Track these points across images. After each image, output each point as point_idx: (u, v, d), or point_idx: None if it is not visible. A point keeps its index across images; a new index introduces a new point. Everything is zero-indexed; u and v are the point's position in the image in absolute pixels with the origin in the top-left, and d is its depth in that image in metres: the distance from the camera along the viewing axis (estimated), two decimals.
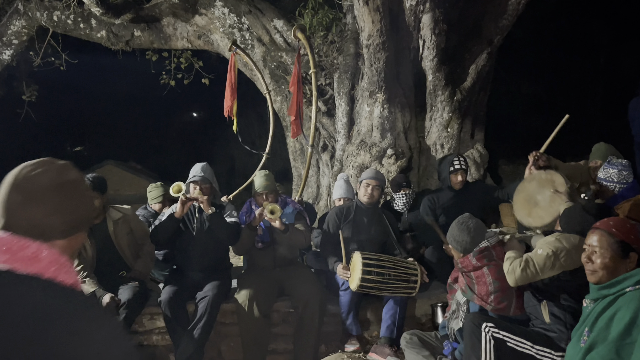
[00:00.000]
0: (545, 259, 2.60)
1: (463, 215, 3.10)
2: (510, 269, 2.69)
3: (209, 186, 3.68)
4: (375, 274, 3.36)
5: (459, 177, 4.04)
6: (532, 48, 9.25)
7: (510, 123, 9.15)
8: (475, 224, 3.01)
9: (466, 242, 2.99)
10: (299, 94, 4.84)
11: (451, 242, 3.06)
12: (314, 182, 6.67)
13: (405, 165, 5.45)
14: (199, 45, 7.16)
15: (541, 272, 2.61)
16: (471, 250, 2.97)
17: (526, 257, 2.68)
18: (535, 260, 2.63)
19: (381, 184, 3.87)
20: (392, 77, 5.54)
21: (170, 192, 3.55)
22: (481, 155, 5.75)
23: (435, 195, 4.19)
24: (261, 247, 3.71)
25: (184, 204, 3.50)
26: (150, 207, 4.77)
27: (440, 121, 5.64)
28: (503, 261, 2.86)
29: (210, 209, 3.53)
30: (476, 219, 3.06)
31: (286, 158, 7.36)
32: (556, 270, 2.60)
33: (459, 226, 3.05)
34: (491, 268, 2.93)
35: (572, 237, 2.67)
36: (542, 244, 2.67)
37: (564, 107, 4.21)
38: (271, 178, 3.80)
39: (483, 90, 6.15)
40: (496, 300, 2.89)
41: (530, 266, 2.63)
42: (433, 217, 4.04)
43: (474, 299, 2.97)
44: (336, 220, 3.84)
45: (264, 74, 6.50)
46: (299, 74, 4.86)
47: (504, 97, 8.76)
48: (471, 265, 2.96)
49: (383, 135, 5.54)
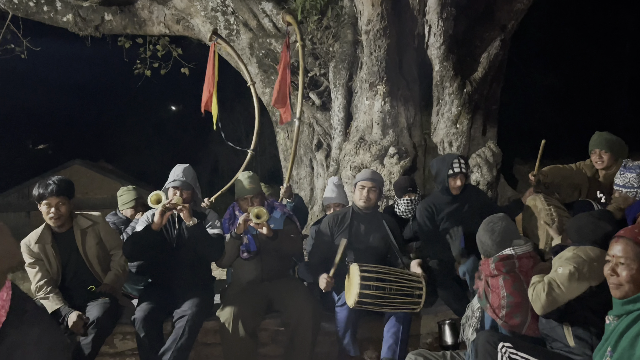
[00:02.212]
0: (569, 277, 2.60)
1: (495, 215, 3.12)
2: (535, 295, 2.69)
3: (191, 192, 3.66)
4: (374, 287, 3.35)
5: (458, 182, 4.02)
6: (550, 34, 9.31)
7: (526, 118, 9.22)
8: (504, 227, 3.02)
9: (488, 246, 3.01)
10: (284, 81, 4.83)
11: (477, 241, 3.09)
12: (307, 184, 6.67)
13: (409, 165, 5.46)
14: (177, 30, 7.15)
15: (568, 292, 2.61)
16: (493, 255, 2.99)
17: (548, 279, 2.68)
18: (558, 280, 2.63)
19: (378, 185, 3.87)
20: (394, 67, 5.55)
21: (148, 202, 3.52)
22: (494, 154, 5.78)
23: (432, 202, 4.13)
24: (247, 258, 3.70)
25: (163, 214, 3.49)
26: (120, 212, 4.74)
27: (448, 116, 5.66)
28: (524, 274, 2.88)
29: (192, 219, 3.52)
30: (507, 222, 3.06)
31: (276, 157, 7.37)
32: (582, 287, 2.60)
33: (484, 226, 3.08)
34: (507, 280, 2.93)
35: (588, 248, 2.68)
36: (561, 262, 2.68)
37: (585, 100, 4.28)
38: (256, 180, 3.79)
39: (496, 82, 6.18)
40: (508, 316, 2.90)
41: (555, 288, 2.62)
42: (432, 227, 4.05)
43: (487, 308, 2.99)
44: (328, 232, 3.83)
45: (250, 62, 6.50)
46: (286, 61, 4.85)
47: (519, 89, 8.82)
48: (488, 270, 2.98)
49: (384, 132, 5.55)
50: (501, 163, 5.89)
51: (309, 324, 3.43)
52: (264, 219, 3.46)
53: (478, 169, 5.67)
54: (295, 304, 3.50)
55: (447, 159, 4.08)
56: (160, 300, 3.54)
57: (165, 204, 3.47)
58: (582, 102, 9.75)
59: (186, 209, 3.51)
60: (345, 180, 5.58)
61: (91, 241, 3.61)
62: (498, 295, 2.94)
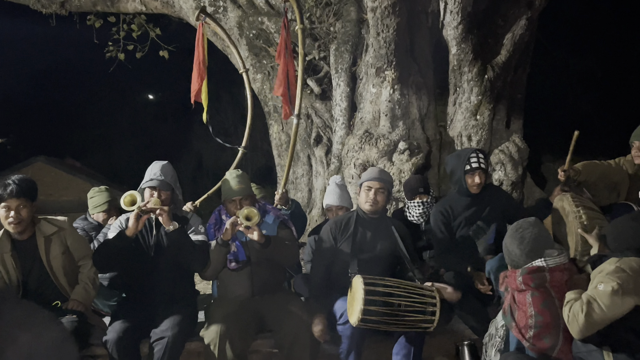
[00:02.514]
0: (612, 295, 2.60)
1: (526, 220, 3.11)
2: (571, 316, 2.69)
3: (170, 193, 3.67)
4: (381, 303, 3.36)
5: (477, 179, 4.03)
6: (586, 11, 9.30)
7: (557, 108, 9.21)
8: (534, 235, 3.01)
9: (515, 255, 3.01)
10: (288, 67, 4.83)
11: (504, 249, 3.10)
12: (304, 184, 6.69)
13: (422, 162, 5.48)
14: (155, 8, 7.17)
15: (609, 313, 2.61)
16: (521, 266, 3.00)
17: (586, 297, 2.67)
18: (599, 299, 2.63)
19: (387, 186, 3.87)
20: (404, 50, 5.57)
21: (121, 204, 3.53)
22: (519, 150, 5.79)
23: (448, 205, 4.12)
24: (235, 268, 3.71)
25: (139, 219, 3.50)
26: (91, 217, 4.77)
27: (466, 106, 5.67)
28: (557, 290, 2.88)
29: (172, 224, 3.53)
30: (539, 229, 3.06)
31: (268, 153, 7.39)
32: (626, 305, 2.61)
33: (512, 232, 3.08)
34: (536, 296, 2.94)
35: (632, 260, 2.69)
36: (601, 277, 2.68)
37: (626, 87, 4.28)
38: (246, 179, 3.80)
39: (521, 67, 6.19)
40: (536, 337, 2.91)
41: (596, 308, 2.62)
42: (448, 234, 4.06)
43: (513, 327, 3.00)
44: (330, 239, 3.83)
45: (239, 44, 6.51)
46: (287, 43, 4.86)
47: (549, 75, 8.82)
48: (515, 284, 2.99)
49: (393, 125, 5.57)
50: (527, 160, 5.91)
51: (306, 346, 3.44)
52: (255, 221, 3.46)
53: (501, 167, 5.68)
54: (290, 322, 3.51)
55: (463, 153, 4.09)
56: (136, 319, 3.54)
57: (140, 207, 3.48)
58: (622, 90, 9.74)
59: (165, 212, 3.51)
60: (349, 180, 5.59)
61: (56, 250, 3.61)
62: (525, 313, 2.95)
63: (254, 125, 5.43)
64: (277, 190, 4.68)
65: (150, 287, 3.65)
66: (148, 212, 3.53)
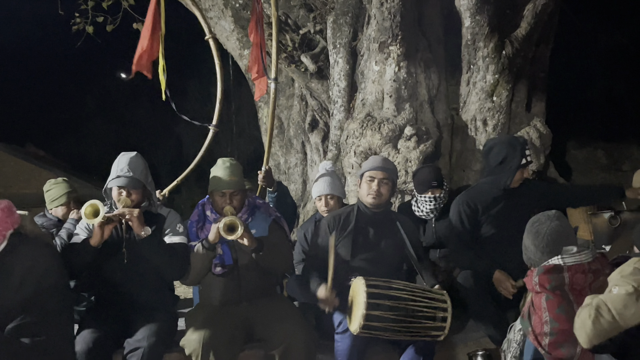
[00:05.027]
0: (625, 299, 2.60)
1: (546, 212, 3.14)
2: (579, 323, 2.70)
3: (142, 191, 3.65)
4: (385, 308, 3.37)
5: (525, 174, 4.09)
6: None
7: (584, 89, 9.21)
8: (551, 229, 3.03)
9: (531, 252, 3.05)
10: (261, 42, 4.78)
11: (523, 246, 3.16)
12: (298, 174, 6.69)
13: (432, 150, 5.48)
14: None
15: (622, 320, 2.61)
16: (538, 264, 3.02)
17: (596, 302, 2.68)
18: (609, 304, 2.63)
19: (391, 177, 3.86)
20: (412, 22, 5.55)
21: (83, 216, 3.48)
22: (541, 136, 5.80)
23: (476, 198, 4.11)
24: (221, 273, 3.71)
25: (104, 227, 3.48)
26: (50, 212, 4.75)
27: (482, 86, 5.67)
28: (577, 294, 2.90)
29: (144, 229, 3.51)
30: (560, 222, 3.07)
31: (257, 139, 7.38)
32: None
33: (529, 226, 3.13)
34: (551, 300, 2.96)
35: None
36: (617, 279, 2.68)
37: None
38: (239, 170, 3.76)
39: (544, 42, 6.19)
40: (551, 345, 2.93)
41: (605, 314, 2.62)
42: (471, 228, 4.05)
43: (529, 333, 3.03)
44: (329, 236, 3.82)
45: (224, 16, 6.49)
46: (259, 15, 4.79)
47: (575, 51, 8.80)
48: (531, 285, 3.01)
49: (399, 107, 5.56)
50: (551, 148, 5.92)
51: (301, 356, 3.45)
52: (238, 233, 3.41)
53: None
54: (282, 331, 3.52)
55: (516, 144, 4.04)
56: (108, 327, 3.54)
57: (104, 217, 3.44)
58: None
59: (135, 218, 3.49)
60: (348, 170, 5.59)
61: None
62: (540, 318, 2.97)
63: (240, 108, 5.40)
64: (260, 173, 4.59)
65: (124, 291, 3.65)
66: (115, 220, 3.51)
